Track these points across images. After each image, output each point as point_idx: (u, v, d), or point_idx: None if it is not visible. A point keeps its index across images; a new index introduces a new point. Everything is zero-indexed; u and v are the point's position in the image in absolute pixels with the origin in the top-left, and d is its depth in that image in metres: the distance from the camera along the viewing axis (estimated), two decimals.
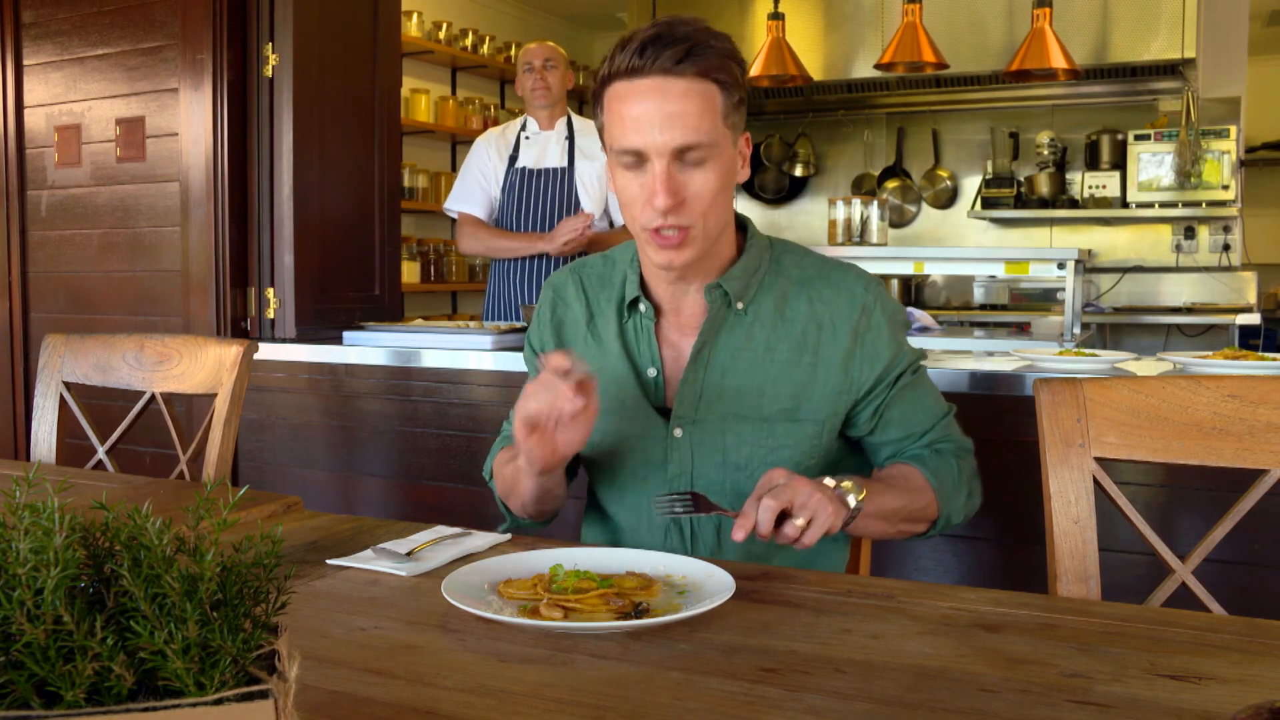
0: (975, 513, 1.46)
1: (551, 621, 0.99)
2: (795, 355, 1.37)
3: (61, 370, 2.06)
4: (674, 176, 1.26)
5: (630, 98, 1.26)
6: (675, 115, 1.24)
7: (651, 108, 1.25)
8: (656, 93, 1.25)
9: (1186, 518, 2.01)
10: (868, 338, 1.38)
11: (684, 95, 1.25)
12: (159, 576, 0.55)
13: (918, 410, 1.42)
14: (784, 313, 1.39)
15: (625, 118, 1.27)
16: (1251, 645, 0.95)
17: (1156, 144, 4.92)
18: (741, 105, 1.31)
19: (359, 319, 3.17)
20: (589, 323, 1.48)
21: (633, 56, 1.25)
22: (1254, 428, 1.26)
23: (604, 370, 1.45)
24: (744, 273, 1.38)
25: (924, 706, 0.82)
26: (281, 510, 1.49)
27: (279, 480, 2.94)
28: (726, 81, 1.28)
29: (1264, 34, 6.43)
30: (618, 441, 1.44)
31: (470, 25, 6.05)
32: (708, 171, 1.28)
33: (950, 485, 1.39)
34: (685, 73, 1.25)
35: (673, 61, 1.24)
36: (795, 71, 4.31)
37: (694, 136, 1.25)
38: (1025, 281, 5.36)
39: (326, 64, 3.21)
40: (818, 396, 1.37)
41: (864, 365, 1.38)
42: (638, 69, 1.25)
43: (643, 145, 1.26)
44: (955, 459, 1.42)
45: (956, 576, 2.21)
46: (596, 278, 1.50)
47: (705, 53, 1.25)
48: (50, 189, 3.48)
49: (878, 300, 1.40)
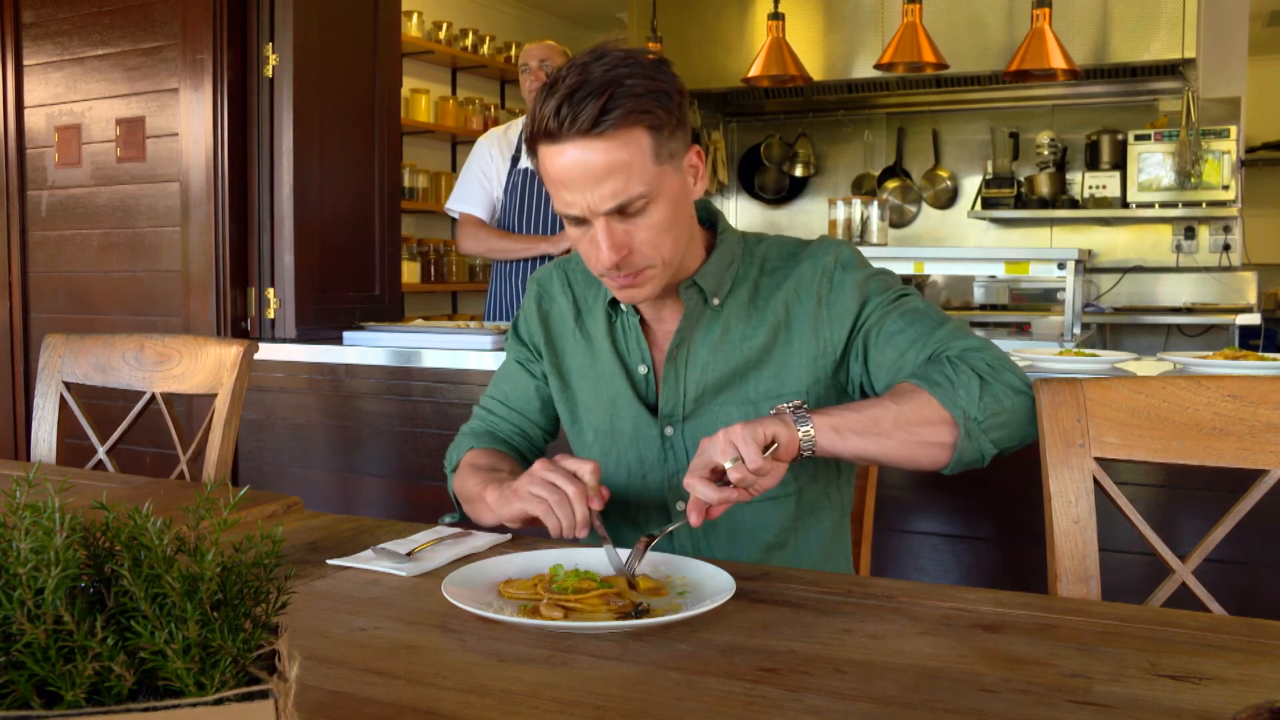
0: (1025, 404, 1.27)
1: (551, 621, 0.99)
2: (770, 336, 1.36)
3: (62, 370, 2.06)
4: (615, 231, 1.24)
5: (554, 161, 1.22)
6: (602, 176, 1.20)
7: (577, 172, 1.21)
8: (579, 155, 1.20)
9: (1186, 518, 2.01)
10: (831, 297, 1.36)
11: (607, 153, 1.20)
12: (159, 576, 0.55)
13: (907, 332, 1.32)
14: (757, 302, 1.38)
15: (555, 182, 1.24)
16: (1251, 645, 0.95)
17: (1156, 144, 4.92)
18: (679, 129, 1.26)
19: (359, 319, 3.18)
20: (577, 319, 1.47)
21: (550, 118, 1.20)
22: (1254, 428, 1.26)
23: (595, 368, 1.45)
24: (717, 268, 1.37)
25: (924, 707, 0.82)
26: (281, 510, 1.50)
27: (279, 480, 2.94)
28: (654, 122, 1.22)
29: (1264, 34, 6.43)
30: (612, 441, 1.43)
31: (470, 25, 6.05)
32: (651, 215, 1.25)
33: (945, 379, 1.25)
34: (605, 131, 1.19)
35: (590, 123, 1.18)
36: (795, 71, 4.31)
37: (626, 194, 1.22)
38: (1025, 282, 5.36)
39: (326, 64, 3.21)
40: (796, 368, 1.36)
41: (833, 324, 1.35)
42: (554, 133, 1.21)
43: (577, 210, 1.24)
44: (950, 359, 1.28)
45: (956, 576, 2.21)
46: (583, 274, 1.49)
47: (623, 101, 1.19)
48: (50, 189, 3.48)
49: (838, 260, 1.37)
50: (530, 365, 1.53)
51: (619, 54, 1.23)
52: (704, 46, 5.29)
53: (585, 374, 1.46)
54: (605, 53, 1.23)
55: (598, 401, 1.44)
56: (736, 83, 4.58)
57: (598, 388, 1.45)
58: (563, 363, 1.49)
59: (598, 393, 1.44)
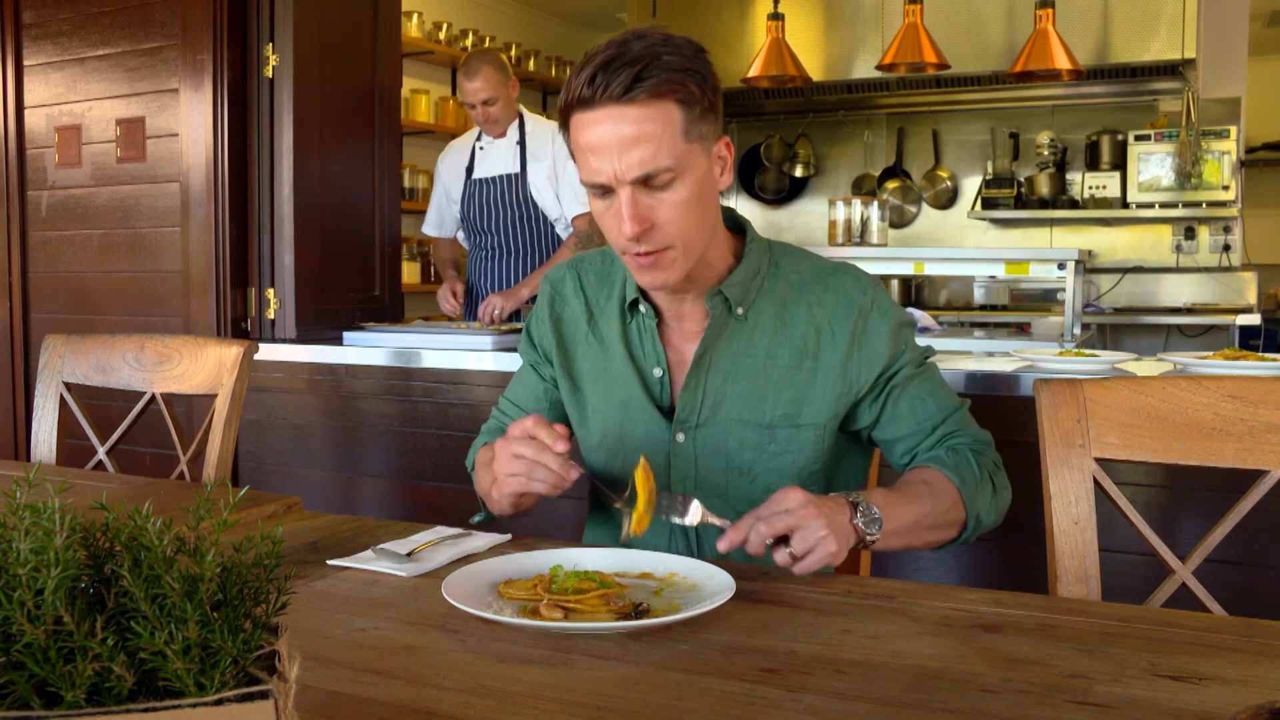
0: (1008, 508, 1.39)
1: (551, 622, 0.99)
2: (796, 360, 1.36)
3: (62, 370, 2.06)
4: (640, 203, 1.24)
5: (586, 129, 1.23)
6: (631, 144, 1.21)
7: (608, 139, 1.22)
8: (610, 123, 1.22)
9: (1186, 518, 2.02)
10: (865, 339, 1.36)
11: (638, 122, 1.21)
12: (159, 577, 0.55)
13: (926, 403, 1.38)
14: (784, 318, 1.38)
15: (584, 149, 1.24)
16: (1251, 645, 0.95)
17: (1156, 144, 4.92)
18: (710, 113, 1.28)
19: (359, 319, 3.18)
20: (589, 321, 1.47)
21: (584, 86, 1.22)
22: (1254, 428, 1.26)
23: (608, 370, 1.44)
24: (744, 278, 1.37)
25: (924, 707, 0.82)
26: (282, 510, 1.50)
27: (279, 480, 2.94)
28: (686, 97, 1.23)
29: (1264, 34, 6.43)
30: (620, 445, 1.43)
31: (470, 25, 6.06)
32: (677, 192, 1.25)
33: (973, 482, 1.33)
34: (638, 99, 1.21)
35: (623, 89, 1.20)
36: (795, 72, 4.31)
37: (654, 164, 1.22)
38: (1025, 282, 5.36)
39: (326, 64, 3.21)
40: (818, 401, 1.36)
41: (862, 367, 1.37)
42: (588, 100, 1.22)
43: (604, 178, 1.24)
44: (972, 454, 1.36)
45: (956, 577, 2.21)
46: (595, 275, 1.48)
47: (657, 72, 1.21)
48: (50, 189, 3.48)
49: (874, 302, 1.38)
50: (540, 368, 1.53)
51: (659, 35, 1.25)
52: (704, 46, 5.29)
53: (598, 377, 1.45)
54: (645, 34, 1.25)
55: (609, 405, 1.44)
56: (736, 83, 4.58)
57: (610, 391, 1.44)
58: (574, 366, 1.48)
59: (609, 396, 1.44)
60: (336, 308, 3.27)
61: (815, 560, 1.13)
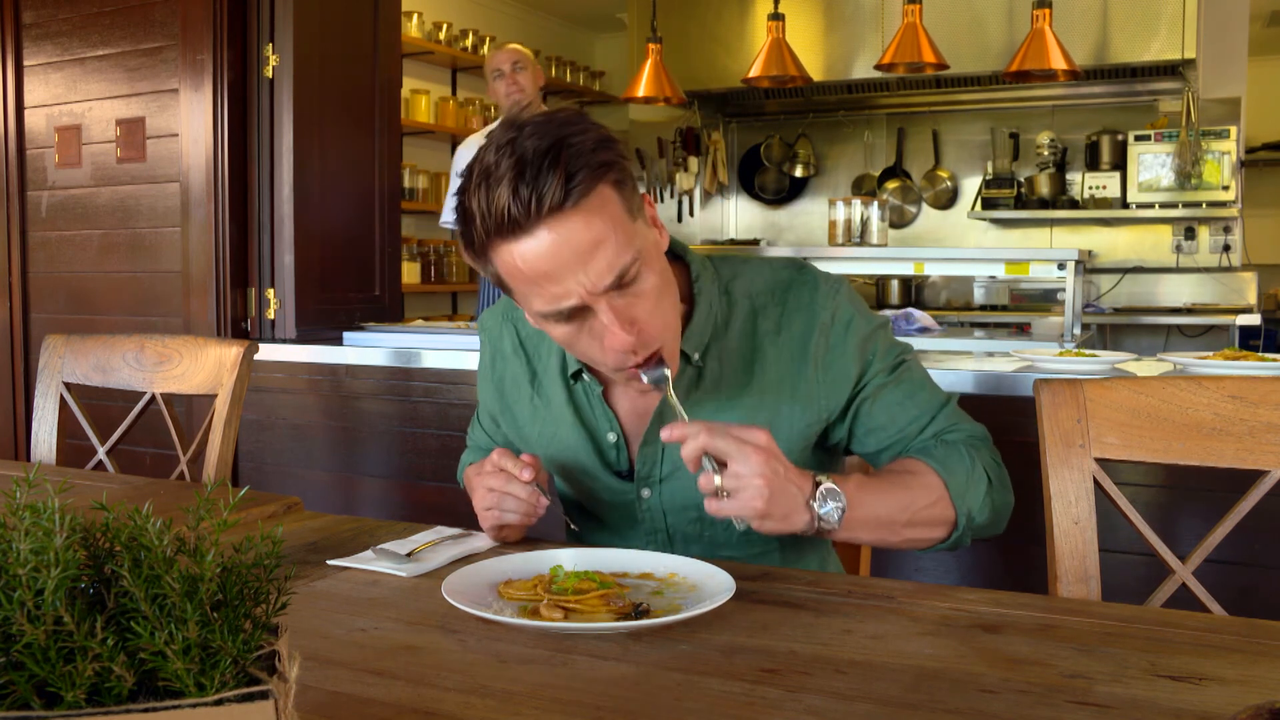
0: (1009, 510, 1.30)
1: (551, 622, 0.99)
2: (757, 398, 1.28)
3: (62, 371, 2.06)
4: (622, 311, 1.11)
5: (527, 256, 1.06)
6: (590, 251, 1.06)
7: (562, 256, 1.06)
8: (556, 238, 1.05)
9: (1186, 518, 2.02)
10: (829, 360, 1.27)
11: (587, 224, 1.05)
12: (159, 577, 0.55)
13: (905, 408, 1.29)
14: (743, 355, 1.28)
15: (532, 279, 1.08)
16: (1251, 645, 0.95)
17: (1156, 144, 4.93)
18: (630, 177, 1.13)
19: (359, 319, 3.18)
20: (533, 383, 1.37)
21: (506, 210, 1.04)
22: (1254, 428, 1.26)
23: (556, 438, 1.35)
24: (700, 328, 1.27)
25: (924, 707, 0.82)
26: (281, 511, 1.49)
27: (279, 481, 2.94)
28: (616, 176, 1.09)
29: (1264, 34, 6.43)
30: (588, 502, 1.38)
31: (470, 25, 6.06)
32: (646, 279, 1.12)
33: (962, 475, 1.23)
34: (578, 201, 1.05)
35: (561, 195, 1.04)
36: (795, 72, 4.31)
37: (620, 261, 1.08)
38: (1025, 282, 5.37)
39: (326, 64, 3.21)
40: (785, 433, 1.26)
41: (830, 391, 1.28)
42: (519, 222, 1.05)
43: (575, 299, 1.08)
44: (965, 447, 1.26)
45: (956, 577, 2.21)
46: (532, 328, 1.36)
47: (580, 162, 1.05)
48: (50, 189, 3.48)
49: (835, 315, 1.28)
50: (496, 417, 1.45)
51: (536, 120, 1.08)
52: (704, 46, 5.30)
53: (549, 442, 1.36)
54: (520, 125, 1.07)
55: (565, 470, 1.36)
56: (736, 83, 4.59)
57: (563, 456, 1.35)
58: (522, 431, 1.40)
59: (564, 460, 1.35)
60: (336, 308, 3.27)
61: (731, 507, 1.06)
